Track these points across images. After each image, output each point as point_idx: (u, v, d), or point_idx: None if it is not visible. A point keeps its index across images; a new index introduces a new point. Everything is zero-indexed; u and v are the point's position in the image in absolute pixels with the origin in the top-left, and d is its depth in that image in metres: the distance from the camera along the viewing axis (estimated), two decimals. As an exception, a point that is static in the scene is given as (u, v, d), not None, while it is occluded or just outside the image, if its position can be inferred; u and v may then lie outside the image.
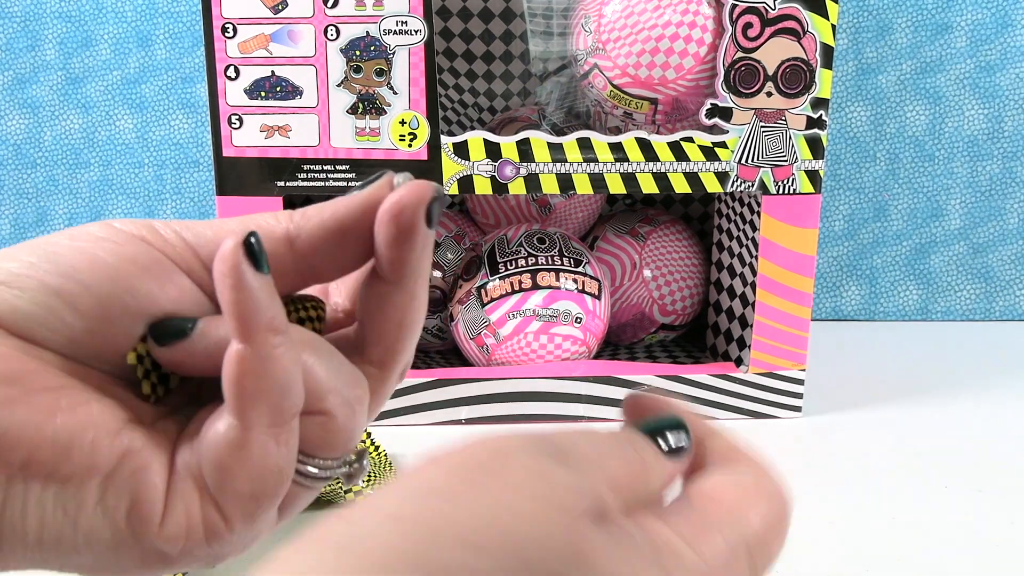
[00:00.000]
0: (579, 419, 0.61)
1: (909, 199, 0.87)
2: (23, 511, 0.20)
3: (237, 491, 0.22)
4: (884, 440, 0.58)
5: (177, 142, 0.85)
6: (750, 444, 0.24)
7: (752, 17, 0.56)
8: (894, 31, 0.83)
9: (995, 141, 0.85)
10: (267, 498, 0.22)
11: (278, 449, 0.22)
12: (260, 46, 0.54)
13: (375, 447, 0.54)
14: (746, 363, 0.62)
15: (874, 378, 0.71)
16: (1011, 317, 0.89)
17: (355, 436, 0.24)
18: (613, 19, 0.58)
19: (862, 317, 0.89)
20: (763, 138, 0.57)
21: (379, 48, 0.55)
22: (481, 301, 0.62)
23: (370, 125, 0.56)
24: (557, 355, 0.62)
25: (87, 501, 0.20)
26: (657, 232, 0.72)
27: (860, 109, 0.85)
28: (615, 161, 0.57)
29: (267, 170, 0.56)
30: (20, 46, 0.82)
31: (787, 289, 0.60)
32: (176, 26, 0.82)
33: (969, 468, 0.54)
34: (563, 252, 0.63)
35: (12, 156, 0.85)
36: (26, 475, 0.20)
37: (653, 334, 0.74)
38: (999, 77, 0.83)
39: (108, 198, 0.85)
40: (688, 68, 0.57)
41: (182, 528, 0.21)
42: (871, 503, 0.49)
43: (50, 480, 0.20)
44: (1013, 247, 0.87)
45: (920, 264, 0.88)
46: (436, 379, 0.61)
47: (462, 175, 0.57)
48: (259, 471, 0.22)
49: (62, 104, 0.84)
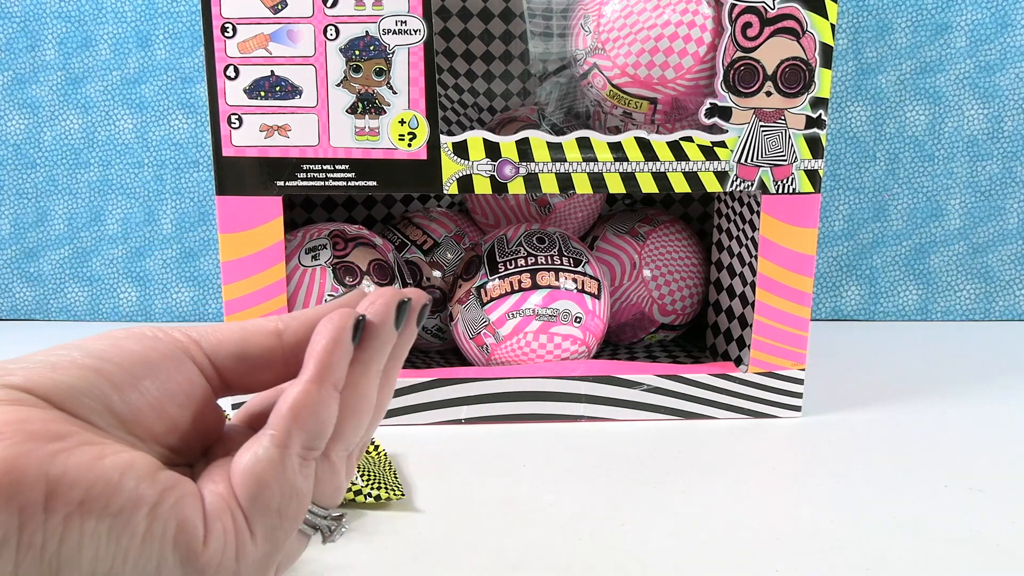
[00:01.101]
0: (579, 419, 0.61)
1: (909, 199, 0.87)
2: (79, 543, 0.22)
3: (267, 504, 0.26)
4: (884, 440, 0.58)
5: (177, 142, 0.85)
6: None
7: (751, 17, 0.56)
8: (894, 31, 0.83)
9: (995, 141, 0.85)
10: (289, 517, 0.26)
11: (304, 476, 0.27)
12: (260, 46, 0.54)
13: (375, 447, 0.54)
14: (746, 363, 0.62)
15: (874, 378, 0.71)
16: (1011, 317, 0.89)
17: (342, 491, 0.29)
18: (612, 19, 0.58)
19: (862, 317, 0.89)
20: (762, 138, 0.57)
21: (379, 48, 0.55)
22: (481, 301, 0.62)
23: (370, 125, 0.56)
24: (557, 355, 0.62)
25: (137, 531, 0.23)
26: (657, 232, 0.72)
27: (860, 109, 0.85)
28: (615, 161, 0.57)
29: (267, 170, 0.56)
30: (20, 46, 0.82)
31: (787, 289, 0.60)
32: (176, 26, 0.82)
33: (969, 468, 0.54)
34: (563, 252, 0.63)
35: (12, 156, 0.85)
36: (83, 511, 0.22)
37: (653, 334, 0.74)
38: (999, 77, 0.83)
39: (108, 198, 0.85)
40: (687, 68, 0.57)
41: (221, 543, 0.25)
42: (871, 503, 0.49)
43: (104, 513, 0.23)
44: (1013, 247, 0.87)
45: (920, 264, 0.88)
46: (436, 379, 0.61)
47: (462, 175, 0.57)
48: (289, 488, 0.26)
49: (62, 104, 0.84)
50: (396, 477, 0.51)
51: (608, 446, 0.57)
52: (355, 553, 0.44)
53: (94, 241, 0.86)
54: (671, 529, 0.46)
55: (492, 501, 0.49)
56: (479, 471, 0.54)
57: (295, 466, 0.26)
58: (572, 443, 0.58)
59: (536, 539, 0.45)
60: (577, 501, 0.50)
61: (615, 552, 0.44)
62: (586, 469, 0.54)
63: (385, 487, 0.49)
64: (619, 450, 0.57)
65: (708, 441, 0.58)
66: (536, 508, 0.49)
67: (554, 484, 0.52)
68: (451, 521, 0.47)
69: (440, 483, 0.52)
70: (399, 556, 0.44)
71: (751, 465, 0.55)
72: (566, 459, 0.55)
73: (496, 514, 0.48)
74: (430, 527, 0.46)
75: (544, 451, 0.57)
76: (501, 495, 0.50)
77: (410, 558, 0.43)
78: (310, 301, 0.60)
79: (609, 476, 0.53)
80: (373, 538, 0.45)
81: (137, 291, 0.87)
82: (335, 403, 0.27)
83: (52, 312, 0.88)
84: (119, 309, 0.88)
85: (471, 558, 0.43)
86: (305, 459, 0.27)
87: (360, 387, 0.28)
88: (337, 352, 0.27)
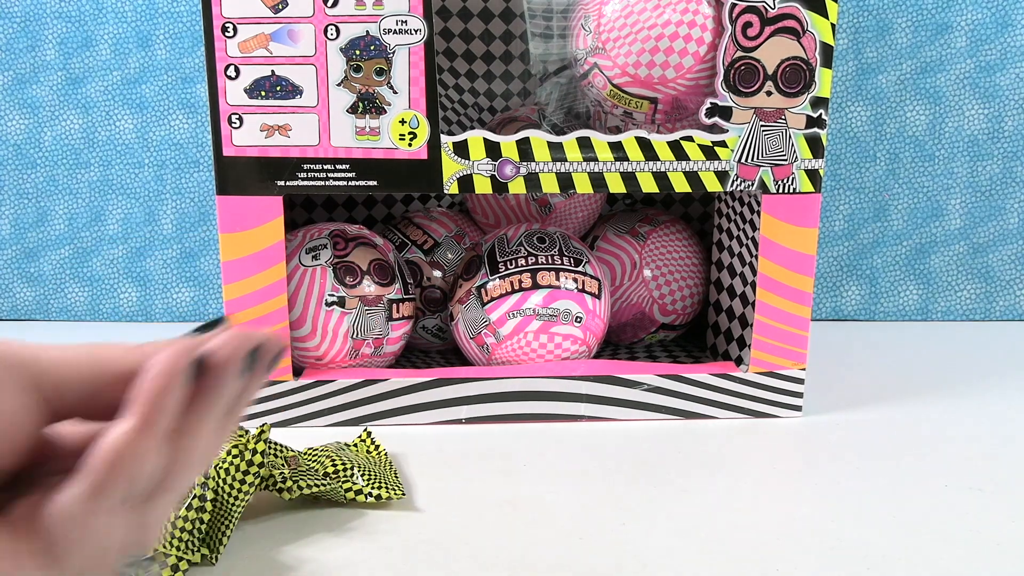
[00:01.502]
0: (579, 418, 0.61)
1: (909, 199, 0.87)
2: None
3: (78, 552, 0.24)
4: (884, 440, 0.58)
5: (177, 142, 0.85)
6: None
7: (752, 16, 0.56)
8: (894, 31, 0.83)
9: (995, 141, 0.85)
10: (99, 566, 0.24)
11: (115, 525, 0.24)
12: (260, 45, 0.54)
13: (375, 447, 0.54)
14: (746, 362, 0.62)
15: (874, 378, 0.71)
16: (1011, 317, 0.89)
17: (155, 537, 0.26)
18: (613, 19, 0.58)
19: (862, 317, 0.89)
20: (763, 137, 0.57)
21: (379, 47, 0.55)
22: (481, 300, 0.62)
23: (370, 124, 0.56)
24: (557, 354, 0.62)
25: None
26: (657, 232, 0.72)
27: (860, 109, 0.85)
28: (615, 160, 0.57)
29: (267, 169, 0.56)
30: (20, 46, 0.82)
31: (787, 288, 0.60)
32: (176, 26, 0.82)
33: (969, 468, 0.54)
34: (563, 251, 0.63)
35: (12, 156, 0.85)
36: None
37: (653, 334, 0.74)
38: (999, 77, 0.83)
39: (108, 198, 0.85)
40: (688, 67, 0.57)
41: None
42: (871, 503, 0.49)
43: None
44: (1013, 247, 0.87)
45: (920, 264, 0.88)
46: (436, 379, 0.61)
47: (462, 174, 0.57)
48: (99, 538, 0.24)
49: (62, 104, 0.84)
50: (396, 477, 0.51)
51: (608, 446, 0.57)
52: (355, 553, 0.44)
53: (94, 241, 0.86)
54: (671, 529, 0.46)
55: (492, 501, 0.49)
56: (479, 471, 0.54)
57: (107, 516, 0.24)
58: (572, 443, 0.58)
59: (536, 539, 0.45)
60: (577, 501, 0.50)
61: (615, 552, 0.44)
62: (586, 469, 0.54)
63: (386, 487, 0.49)
64: (619, 450, 0.57)
65: (708, 441, 0.58)
66: (536, 508, 0.49)
67: (554, 484, 0.52)
68: (451, 521, 0.47)
69: (440, 483, 0.52)
70: (399, 556, 0.44)
71: (751, 465, 0.55)
72: (566, 459, 0.55)
73: (496, 514, 0.48)
74: (430, 527, 0.46)
75: (544, 451, 0.57)
76: (501, 495, 0.50)
77: (410, 558, 0.43)
78: (310, 301, 0.60)
79: (609, 476, 0.53)
80: (373, 538, 0.45)
81: (137, 291, 0.87)
82: (158, 451, 0.24)
83: (52, 312, 0.88)
84: (119, 309, 0.88)
85: (471, 558, 0.43)
86: (116, 512, 0.24)
87: (191, 435, 0.25)
88: (165, 394, 0.24)
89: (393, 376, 0.61)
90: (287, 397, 0.60)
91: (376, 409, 0.61)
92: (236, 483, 0.43)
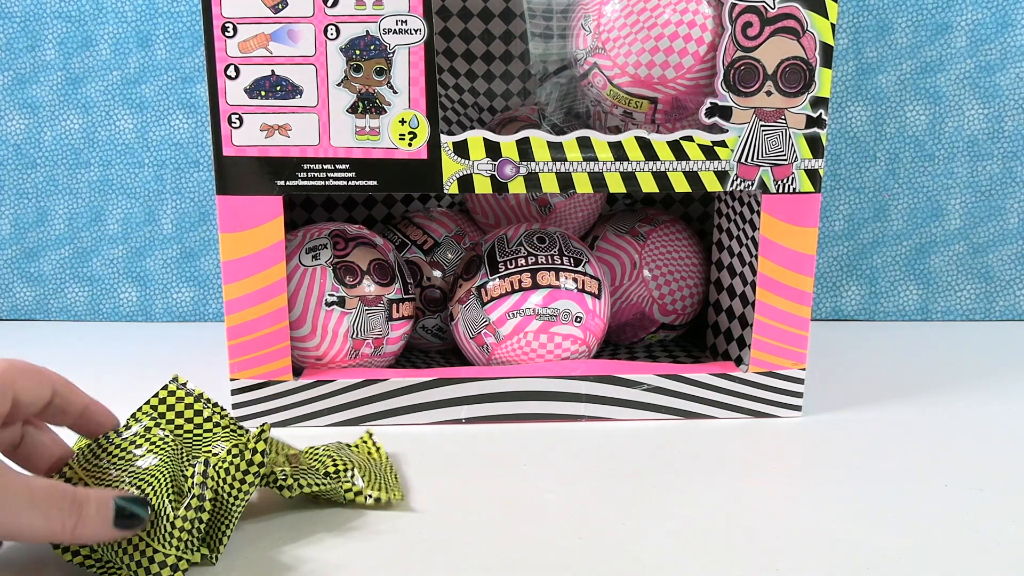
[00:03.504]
0: (579, 418, 0.61)
1: (909, 199, 0.87)
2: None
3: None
4: (884, 440, 0.58)
5: (177, 142, 0.85)
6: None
7: (752, 16, 0.56)
8: (894, 31, 0.83)
9: (995, 141, 0.85)
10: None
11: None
12: (260, 45, 0.54)
13: (376, 447, 0.54)
14: (746, 362, 0.62)
15: (874, 378, 0.71)
16: (1011, 317, 0.89)
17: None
18: (613, 18, 0.58)
19: (862, 317, 0.89)
20: (763, 137, 0.57)
21: (379, 47, 0.55)
22: (481, 300, 0.62)
23: (370, 124, 0.56)
24: (557, 354, 0.62)
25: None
26: (657, 232, 0.72)
27: (860, 109, 0.85)
28: (615, 160, 0.57)
29: (267, 169, 0.56)
30: (20, 46, 0.82)
31: (787, 288, 0.60)
32: (176, 26, 0.82)
33: (969, 468, 0.54)
34: (563, 251, 0.63)
35: (12, 156, 0.85)
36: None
37: (653, 334, 0.74)
38: (999, 77, 0.83)
39: (108, 198, 0.86)
40: (688, 67, 0.57)
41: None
42: (871, 503, 0.49)
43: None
44: (1013, 247, 0.87)
45: (920, 264, 0.88)
46: (436, 378, 0.61)
47: (462, 174, 0.57)
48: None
49: (62, 104, 0.84)
50: (396, 479, 0.51)
51: (608, 446, 0.57)
52: (355, 553, 0.44)
53: (94, 241, 0.86)
54: (671, 529, 0.46)
55: (492, 501, 0.49)
56: (479, 471, 0.54)
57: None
58: (572, 443, 0.58)
59: (536, 539, 0.45)
60: (577, 501, 0.50)
61: (615, 552, 0.44)
62: (586, 469, 0.54)
63: (385, 489, 0.49)
64: (619, 450, 0.57)
65: (708, 441, 0.58)
66: (536, 508, 0.49)
67: (554, 484, 0.52)
68: (451, 521, 0.47)
69: (440, 483, 0.52)
70: (399, 556, 0.44)
71: (751, 465, 0.55)
72: (566, 459, 0.55)
73: (496, 514, 0.48)
74: (430, 527, 0.46)
75: (544, 451, 0.57)
76: (501, 495, 0.50)
77: (410, 558, 0.43)
78: (310, 300, 0.60)
79: (609, 476, 0.53)
80: (373, 538, 0.45)
81: (137, 291, 0.87)
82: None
83: (52, 312, 0.88)
84: (119, 309, 0.88)
85: (471, 558, 0.43)
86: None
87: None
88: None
89: (393, 376, 0.61)
90: (287, 397, 0.60)
91: (376, 409, 0.61)
92: (236, 483, 0.43)
